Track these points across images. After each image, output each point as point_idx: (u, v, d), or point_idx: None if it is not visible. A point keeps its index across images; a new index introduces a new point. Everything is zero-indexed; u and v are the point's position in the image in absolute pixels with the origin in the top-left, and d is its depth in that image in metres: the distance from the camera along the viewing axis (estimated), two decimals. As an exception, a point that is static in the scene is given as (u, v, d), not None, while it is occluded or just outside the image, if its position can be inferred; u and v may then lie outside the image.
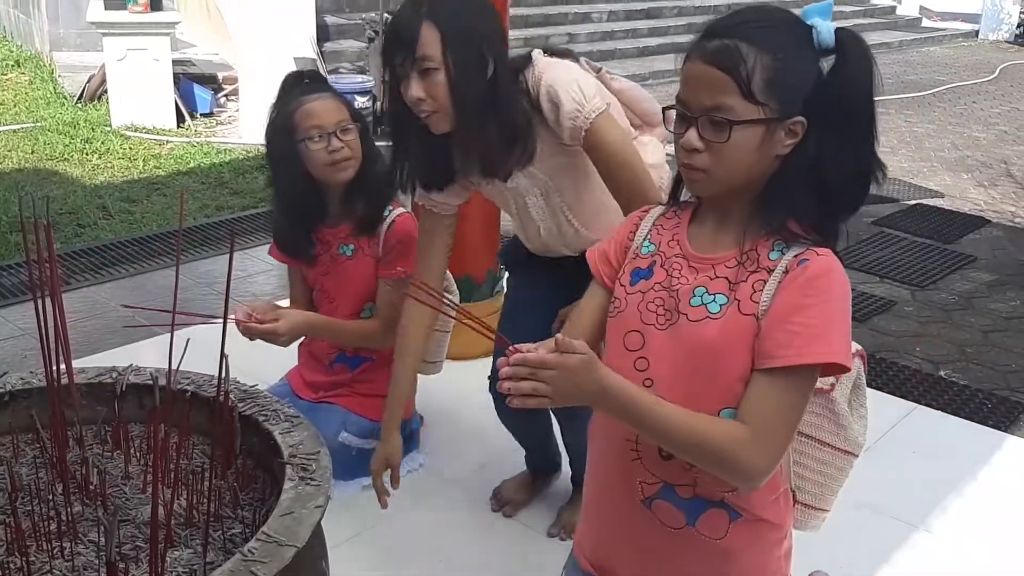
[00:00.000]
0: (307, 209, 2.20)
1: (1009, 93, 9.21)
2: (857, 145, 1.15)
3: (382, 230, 2.21)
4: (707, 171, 1.16)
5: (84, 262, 3.94)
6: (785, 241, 1.16)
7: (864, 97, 1.15)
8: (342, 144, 2.06)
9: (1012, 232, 5.00)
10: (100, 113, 6.25)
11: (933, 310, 3.93)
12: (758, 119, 1.12)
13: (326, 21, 7.46)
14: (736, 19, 1.17)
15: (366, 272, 2.25)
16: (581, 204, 1.95)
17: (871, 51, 1.16)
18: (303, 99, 2.08)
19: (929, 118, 7.79)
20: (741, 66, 1.11)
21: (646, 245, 1.29)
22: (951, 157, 6.57)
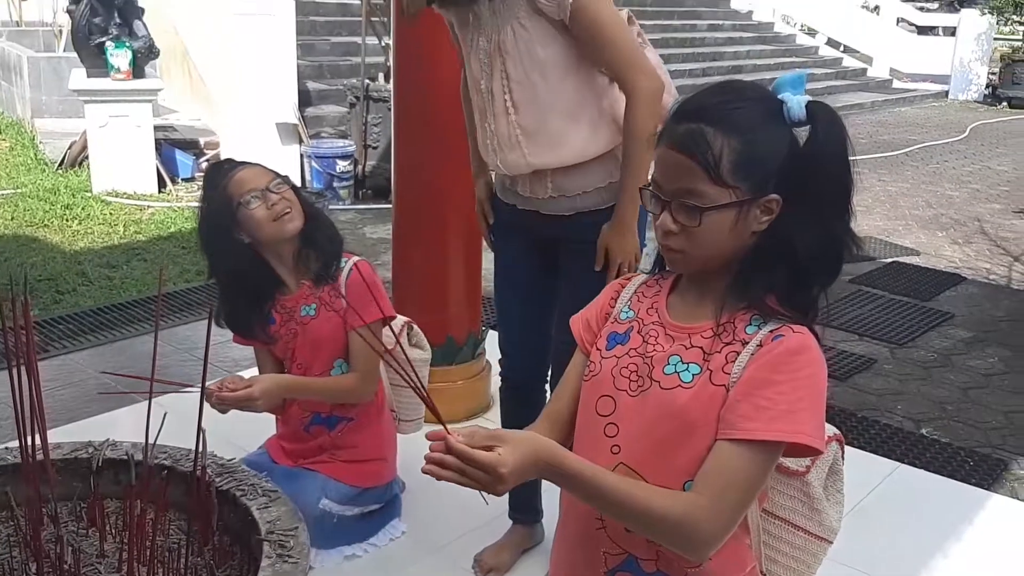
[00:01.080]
0: (261, 285, 2.20)
1: (980, 152, 9.41)
2: (831, 219, 1.15)
3: (342, 280, 2.21)
4: (683, 252, 1.17)
5: (62, 329, 3.91)
6: (762, 315, 1.16)
7: (838, 171, 1.15)
8: (278, 196, 2.09)
9: (987, 289, 5.07)
10: (81, 179, 6.26)
11: (913, 367, 3.95)
12: (729, 203, 1.13)
13: (308, 87, 7.55)
14: (705, 100, 1.17)
15: (333, 328, 2.23)
16: (532, 104, 1.95)
17: (844, 124, 1.16)
18: (230, 173, 2.13)
19: (903, 177, 7.93)
20: (708, 152, 1.11)
21: (625, 311, 1.29)
22: (925, 215, 6.67)
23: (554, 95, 1.94)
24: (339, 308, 2.20)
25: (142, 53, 6.16)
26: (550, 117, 1.95)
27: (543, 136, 1.97)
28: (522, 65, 1.92)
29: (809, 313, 1.17)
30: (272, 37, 6.23)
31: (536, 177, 2.04)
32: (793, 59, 13.52)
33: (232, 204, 2.09)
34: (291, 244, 2.17)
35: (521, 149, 1.99)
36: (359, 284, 2.18)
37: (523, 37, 1.90)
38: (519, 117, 1.97)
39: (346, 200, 6.38)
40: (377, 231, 5.73)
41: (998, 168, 8.58)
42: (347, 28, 8.74)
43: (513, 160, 2.02)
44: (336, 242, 2.22)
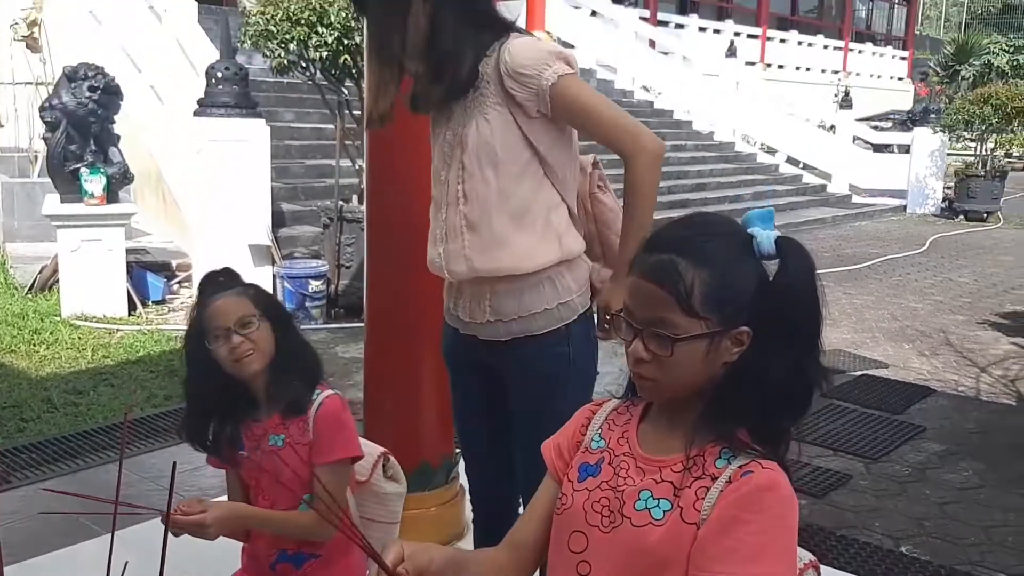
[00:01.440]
0: (233, 404, 2.17)
1: (940, 264, 9.64)
2: (801, 353, 1.17)
3: (311, 414, 2.15)
4: (655, 380, 1.18)
5: (26, 458, 3.81)
6: (732, 449, 1.16)
7: (807, 305, 1.17)
8: (241, 339, 2.06)
9: (957, 401, 5.11)
10: (51, 303, 6.23)
11: (888, 483, 3.94)
12: (700, 334, 1.14)
13: (282, 208, 7.64)
14: (676, 232, 1.20)
15: (299, 462, 2.16)
16: (481, 199, 1.96)
17: (812, 259, 1.19)
18: (209, 300, 2.12)
19: (867, 290, 8.08)
20: (680, 283, 1.13)
21: (596, 440, 1.29)
22: (891, 328, 6.77)
23: (503, 195, 1.96)
24: (305, 442, 2.15)
25: (117, 179, 6.23)
26: (495, 216, 1.96)
27: (486, 233, 1.97)
28: (478, 159, 1.95)
29: (780, 447, 1.17)
30: (247, 162, 6.33)
31: (475, 297, 2.05)
32: (755, 176, 13.95)
33: (206, 336, 2.09)
34: (260, 375, 2.15)
35: (463, 240, 2.00)
36: (328, 419, 2.14)
37: (484, 131, 1.93)
38: (467, 208, 1.98)
39: (318, 320, 6.38)
40: (349, 350, 5.71)
41: (959, 280, 8.78)
42: (321, 151, 8.92)
43: (454, 251, 2.02)
44: (309, 376, 2.18)
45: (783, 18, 23.45)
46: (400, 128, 2.77)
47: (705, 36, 19.31)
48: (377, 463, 2.34)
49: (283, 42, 6.14)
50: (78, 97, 6.08)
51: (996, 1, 36.00)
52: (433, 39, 1.90)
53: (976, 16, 35.17)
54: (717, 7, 22.19)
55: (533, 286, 1.99)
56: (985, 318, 7.15)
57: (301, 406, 2.14)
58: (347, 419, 2.17)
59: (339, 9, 6.00)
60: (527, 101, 1.90)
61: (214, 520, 1.98)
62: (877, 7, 29.12)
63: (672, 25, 19.09)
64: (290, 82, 8.49)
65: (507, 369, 2.08)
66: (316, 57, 6.05)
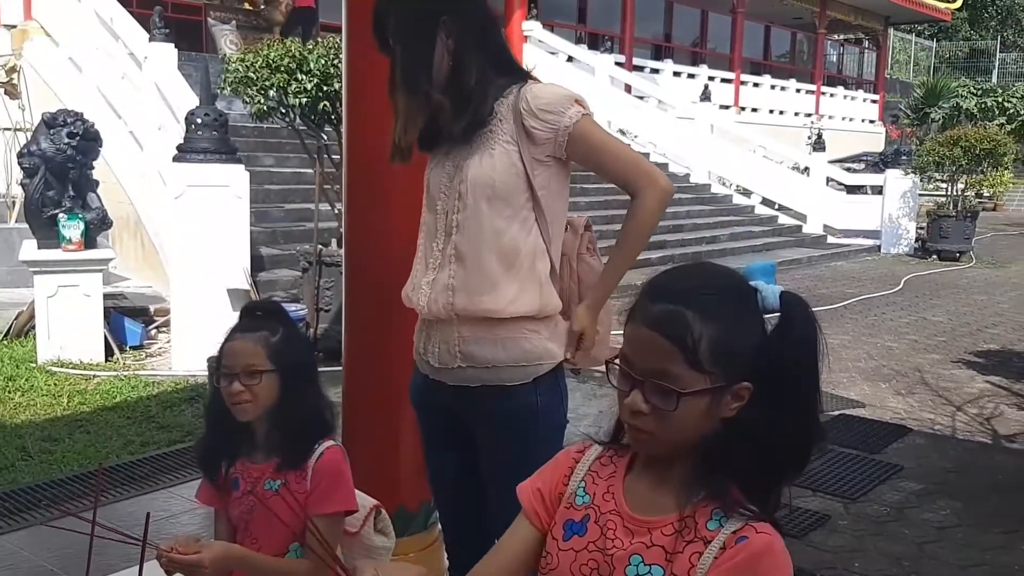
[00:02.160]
0: (238, 440, 2.17)
1: (915, 303, 9.75)
2: (800, 410, 1.14)
3: (311, 463, 2.15)
4: (653, 434, 1.14)
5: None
6: (724, 510, 1.13)
7: (808, 360, 1.14)
8: (242, 389, 2.06)
9: (934, 440, 5.15)
10: (26, 349, 6.17)
11: (867, 523, 3.95)
12: (705, 389, 1.10)
13: (261, 252, 7.65)
14: (681, 283, 1.16)
15: (291, 510, 2.13)
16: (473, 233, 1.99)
17: (814, 315, 1.16)
18: (231, 336, 2.13)
19: (843, 329, 8.15)
20: (687, 336, 1.10)
21: (581, 495, 1.24)
22: (868, 367, 6.83)
23: (496, 232, 1.99)
24: (301, 491, 2.14)
25: (95, 224, 6.22)
26: (485, 252, 2.00)
27: (474, 268, 2.00)
28: (476, 191, 1.99)
29: (771, 502, 1.15)
30: (227, 207, 6.34)
31: (445, 340, 2.06)
32: (731, 218, 14.10)
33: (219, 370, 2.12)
34: (261, 421, 2.14)
35: (449, 271, 2.02)
36: (327, 471, 2.13)
37: (487, 165, 1.98)
38: (459, 238, 2.02)
39: (297, 364, 6.35)
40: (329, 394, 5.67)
41: (934, 319, 8.88)
42: (300, 195, 8.96)
43: (440, 281, 2.04)
44: (313, 431, 2.16)
45: (756, 63, 23.88)
46: (379, 171, 2.82)
47: (680, 80, 19.62)
48: (369, 516, 2.32)
49: (263, 89, 6.20)
50: (57, 143, 6.09)
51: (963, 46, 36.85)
52: (456, 76, 1.97)
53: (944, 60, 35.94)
54: (691, 52, 22.60)
55: (510, 339, 2.02)
56: (960, 357, 7.22)
57: (296, 460, 2.13)
58: (346, 471, 2.16)
59: (318, 56, 6.07)
60: (544, 140, 1.96)
61: (211, 561, 1.95)
62: (848, 52, 29.74)
63: (647, 70, 19.39)
64: (269, 127, 8.55)
65: (473, 418, 2.10)
66: (296, 103, 6.10)
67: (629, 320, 1.16)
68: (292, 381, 2.12)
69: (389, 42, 2.00)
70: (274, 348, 2.11)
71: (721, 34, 22.43)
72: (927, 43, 36.77)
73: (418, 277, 2.12)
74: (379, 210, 2.85)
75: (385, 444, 3.05)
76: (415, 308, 2.13)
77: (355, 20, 2.78)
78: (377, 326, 2.97)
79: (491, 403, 2.04)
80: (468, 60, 1.98)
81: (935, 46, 36.69)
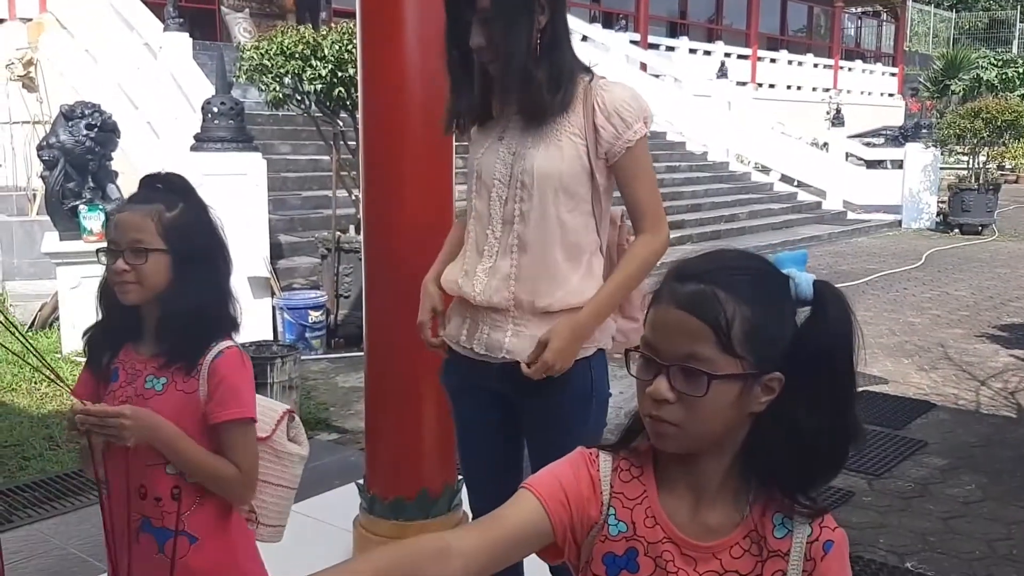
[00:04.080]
0: (118, 320, 1.88)
1: (937, 278, 9.67)
2: (836, 404, 1.08)
3: (204, 364, 1.84)
4: (679, 425, 1.06)
5: (28, 497, 3.81)
6: (784, 512, 1.08)
7: (843, 354, 1.08)
8: (126, 268, 1.78)
9: (958, 415, 5.11)
10: (51, 340, 6.24)
11: (892, 499, 3.94)
12: (737, 374, 1.04)
13: (280, 239, 7.67)
14: (711, 263, 1.10)
15: (177, 412, 1.83)
16: (540, 222, 1.97)
17: (850, 305, 1.11)
18: (120, 208, 1.88)
19: (865, 306, 8.10)
20: (720, 315, 1.03)
21: (613, 523, 1.13)
22: (890, 343, 6.79)
23: (562, 225, 1.98)
24: (191, 391, 1.83)
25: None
26: (551, 244, 1.98)
27: (539, 260, 1.98)
28: (540, 183, 1.96)
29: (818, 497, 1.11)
30: (245, 195, 6.37)
31: (494, 329, 2.03)
32: (749, 195, 14.01)
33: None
34: (151, 307, 1.84)
35: (511, 260, 1.99)
36: (227, 372, 1.84)
37: (555, 157, 1.95)
38: (522, 228, 1.99)
39: (318, 350, 6.39)
40: (349, 380, 5.71)
41: (956, 293, 8.80)
42: (318, 183, 8.98)
43: (501, 271, 2.00)
44: (205, 326, 1.86)
45: (772, 38, 23.65)
46: (396, 156, 2.82)
47: (695, 58, 19.47)
48: (281, 420, 2.08)
49: (278, 76, 6.20)
50: (76, 135, 6.13)
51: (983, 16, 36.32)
52: (549, 53, 1.95)
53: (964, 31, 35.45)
54: (707, 29, 22.39)
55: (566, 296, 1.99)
56: (983, 331, 7.16)
57: (186, 356, 1.85)
58: (248, 376, 1.90)
59: (332, 43, 6.06)
60: (605, 141, 1.95)
61: (134, 415, 1.72)
62: (865, 25, 29.38)
63: (663, 48, 19.25)
64: (285, 115, 8.56)
65: (524, 392, 2.04)
66: (311, 90, 6.10)
67: (653, 304, 1.10)
68: (187, 264, 1.84)
69: (467, 10, 1.91)
70: (167, 224, 1.82)
71: (737, 10, 22.22)
72: (946, 14, 36.27)
73: (470, 264, 2.06)
74: (396, 196, 2.85)
75: (407, 429, 3.06)
76: (465, 295, 2.07)
77: (369, 4, 2.78)
78: (398, 312, 2.97)
79: (547, 386, 1.99)
80: (561, 38, 1.97)
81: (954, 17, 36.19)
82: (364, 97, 2.89)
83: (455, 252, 2.19)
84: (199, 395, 1.83)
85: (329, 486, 3.86)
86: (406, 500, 2.93)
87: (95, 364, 1.89)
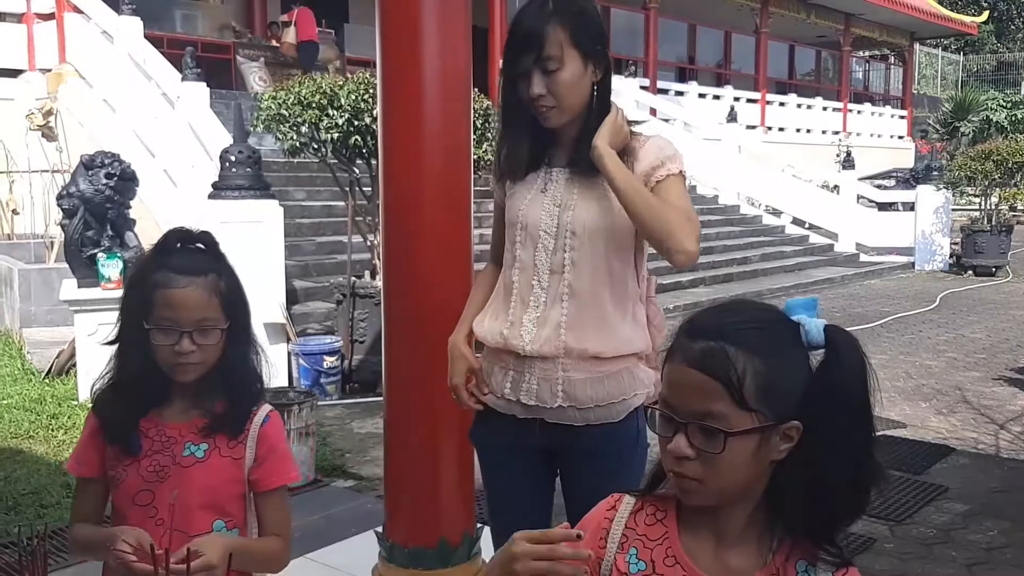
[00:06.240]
0: (146, 391, 1.77)
1: (952, 320, 9.62)
2: (855, 447, 1.09)
3: (253, 427, 1.80)
4: (701, 480, 1.08)
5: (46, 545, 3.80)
6: (807, 560, 1.09)
7: (859, 396, 1.10)
8: (194, 348, 1.70)
9: (978, 459, 5.07)
10: (68, 387, 6.27)
11: (914, 545, 3.90)
12: (753, 428, 1.06)
13: (294, 285, 7.72)
14: (721, 318, 1.12)
15: (224, 477, 1.77)
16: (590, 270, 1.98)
17: (862, 348, 1.11)
18: (170, 278, 1.71)
19: (880, 349, 8.06)
20: (732, 372, 1.05)
21: (634, 562, 1.15)
22: (907, 386, 6.75)
23: (612, 274, 2.00)
24: (237, 458, 1.78)
25: (133, 263, 6.32)
26: (602, 292, 1.99)
27: (590, 307, 1.98)
28: (592, 234, 1.98)
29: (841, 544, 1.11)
30: (261, 242, 6.42)
31: (544, 379, 2.02)
32: (761, 238, 14.04)
33: (148, 315, 1.71)
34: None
35: (561, 308, 1.98)
36: (274, 438, 1.82)
37: (604, 208, 1.98)
38: (573, 276, 1.99)
39: (333, 395, 6.40)
40: (365, 425, 5.71)
41: (972, 336, 8.76)
42: (331, 228, 9.05)
43: (552, 320, 1.99)
44: (252, 393, 1.84)
45: (781, 82, 23.86)
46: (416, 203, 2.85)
47: (705, 102, 19.64)
48: None
49: (295, 125, 6.29)
50: (95, 184, 6.21)
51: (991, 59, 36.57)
52: (606, 106, 2.00)
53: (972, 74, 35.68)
54: (715, 74, 22.61)
55: (613, 375, 2.00)
56: (1001, 374, 7.11)
57: (236, 423, 1.79)
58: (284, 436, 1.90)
59: (349, 92, 6.16)
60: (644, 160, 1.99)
61: (220, 560, 1.64)
62: (874, 68, 29.62)
63: (672, 92, 19.43)
64: (300, 162, 8.66)
65: (572, 450, 2.04)
66: (327, 138, 6.19)
67: (668, 360, 1.12)
68: (238, 333, 1.79)
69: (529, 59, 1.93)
70: (226, 296, 1.77)
71: (745, 54, 22.44)
72: (954, 57, 36.53)
73: (515, 315, 2.05)
74: (417, 242, 2.88)
75: (428, 477, 3.05)
76: (512, 347, 2.05)
77: (390, 53, 2.82)
78: (418, 359, 2.99)
79: (596, 440, 2.00)
80: (607, 94, 2.02)
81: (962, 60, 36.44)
82: (384, 141, 2.92)
83: (481, 307, 2.19)
84: (245, 461, 1.79)
85: (346, 534, 3.85)
86: (426, 549, 2.92)
87: (117, 437, 1.76)
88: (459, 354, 2.20)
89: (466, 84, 2.88)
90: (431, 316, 2.89)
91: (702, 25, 22.18)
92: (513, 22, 2.00)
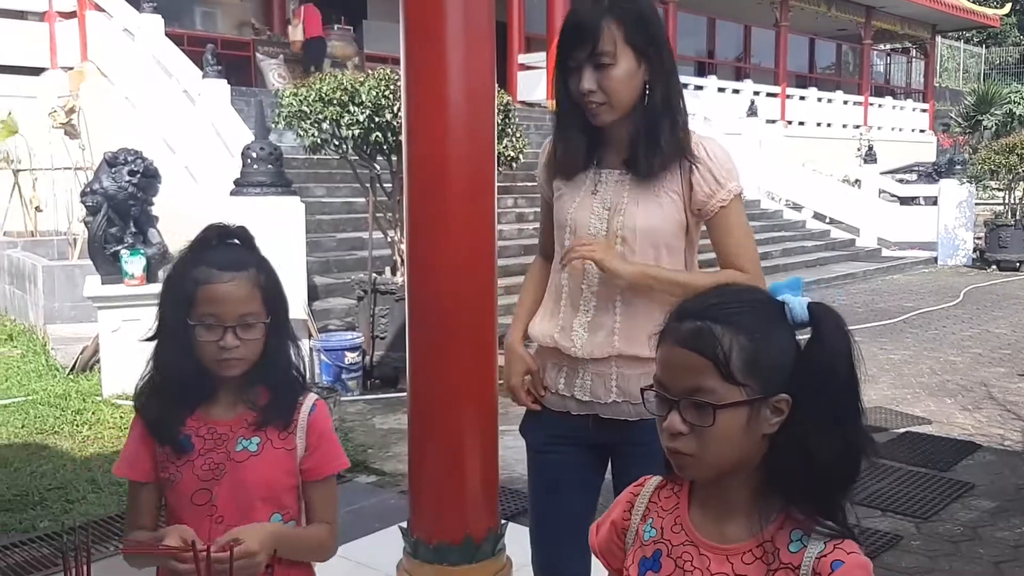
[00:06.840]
0: (192, 389, 1.77)
1: (977, 316, 9.53)
2: (843, 419, 1.14)
3: (301, 417, 1.79)
4: (695, 455, 1.14)
5: (73, 540, 3.83)
6: (801, 529, 1.13)
7: (844, 369, 1.14)
8: (238, 343, 1.69)
9: (1005, 456, 5.01)
10: (92, 383, 6.31)
11: (941, 543, 3.86)
12: (741, 401, 1.11)
13: (315, 281, 7.74)
14: (706, 301, 1.18)
15: (280, 469, 1.78)
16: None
17: (845, 323, 1.17)
18: (212, 274, 1.70)
19: (903, 344, 8.00)
20: (718, 349, 1.11)
21: (648, 530, 1.23)
22: (932, 382, 6.69)
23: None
24: (290, 448, 1.79)
25: (156, 259, 6.36)
26: (653, 296, 1.97)
27: (643, 312, 1.96)
28: (643, 240, 1.97)
29: (840, 517, 1.14)
30: (283, 239, 6.45)
31: (599, 376, 2.02)
32: (782, 233, 13.95)
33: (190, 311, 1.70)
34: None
35: (613, 314, 1.98)
36: (323, 426, 1.83)
37: (656, 213, 1.97)
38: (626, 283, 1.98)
39: (355, 391, 6.41)
40: (387, 421, 5.72)
41: (997, 331, 8.67)
42: (352, 225, 9.07)
43: (604, 325, 1.99)
44: (296, 385, 1.83)
45: (801, 76, 23.68)
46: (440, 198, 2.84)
47: (724, 96, 19.51)
48: None
49: (316, 122, 6.30)
50: (118, 182, 6.25)
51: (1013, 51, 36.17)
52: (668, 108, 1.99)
53: (994, 66, 35.30)
54: (735, 68, 22.47)
55: None
56: (1027, 369, 7.05)
57: (285, 414, 1.79)
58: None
59: (370, 88, 6.16)
60: (698, 200, 1.97)
61: (262, 546, 1.63)
62: (894, 61, 29.35)
63: (691, 87, 19.33)
64: (320, 158, 8.67)
65: (626, 444, 2.04)
66: (348, 135, 6.19)
67: (660, 343, 1.19)
68: (279, 326, 1.78)
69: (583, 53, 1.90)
70: (266, 290, 1.76)
71: (765, 48, 22.30)
72: (976, 50, 36.16)
73: (565, 319, 2.05)
74: (441, 237, 2.87)
75: (452, 473, 3.05)
76: (561, 348, 2.06)
77: (413, 49, 2.82)
78: (442, 355, 2.98)
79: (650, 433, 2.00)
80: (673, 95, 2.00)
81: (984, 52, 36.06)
82: (408, 137, 2.91)
83: (533, 303, 2.20)
84: (296, 451, 1.79)
85: (369, 529, 3.85)
86: (451, 545, 2.91)
87: (166, 437, 1.74)
88: (517, 355, 2.20)
89: (490, 80, 2.86)
90: (455, 310, 2.89)
91: (721, 19, 22.05)
92: (567, 17, 1.97)
